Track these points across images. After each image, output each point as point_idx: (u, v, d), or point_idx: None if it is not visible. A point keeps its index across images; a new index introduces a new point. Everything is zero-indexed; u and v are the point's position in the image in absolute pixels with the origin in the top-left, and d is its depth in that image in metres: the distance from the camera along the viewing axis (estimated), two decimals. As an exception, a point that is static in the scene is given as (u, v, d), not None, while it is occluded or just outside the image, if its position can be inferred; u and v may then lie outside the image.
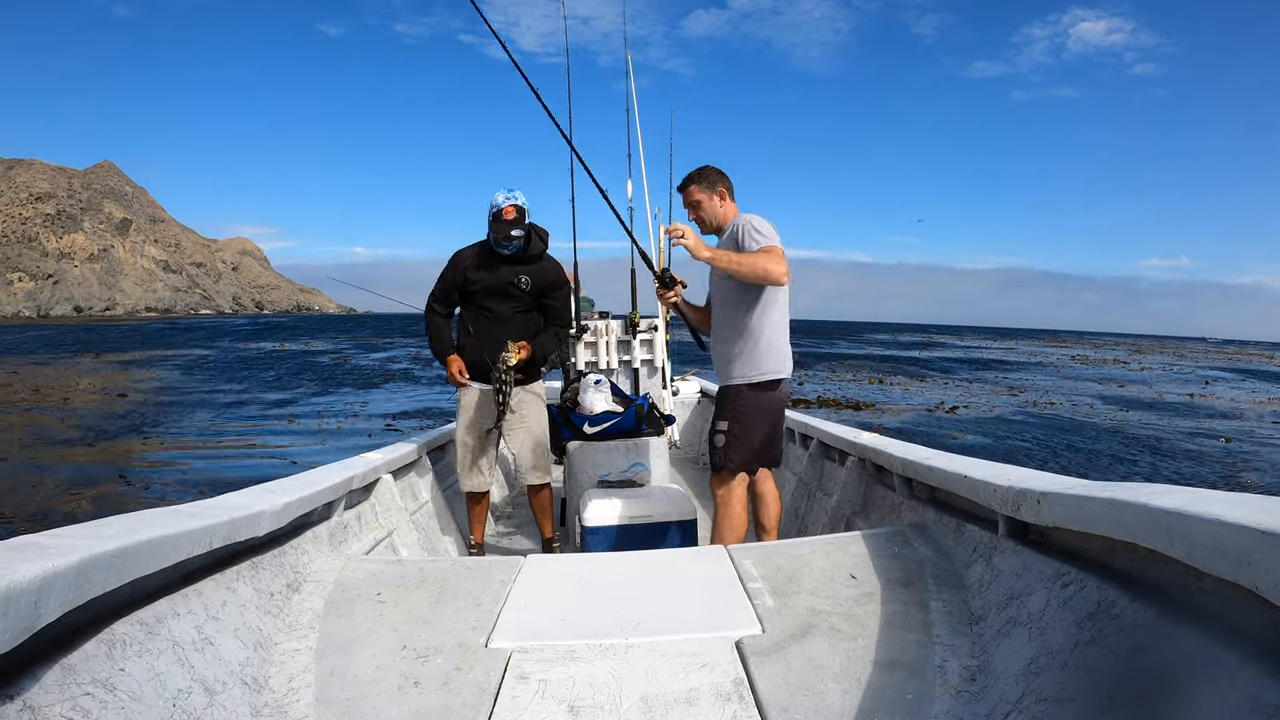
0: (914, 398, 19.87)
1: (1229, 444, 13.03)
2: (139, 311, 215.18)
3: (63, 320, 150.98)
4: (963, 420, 15.41)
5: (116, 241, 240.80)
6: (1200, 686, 0.96)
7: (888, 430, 11.46)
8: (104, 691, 1.06)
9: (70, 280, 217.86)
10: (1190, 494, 1.11)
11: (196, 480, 8.74)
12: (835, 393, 19.58)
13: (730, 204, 2.71)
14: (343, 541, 2.22)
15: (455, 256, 3.12)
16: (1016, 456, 11.31)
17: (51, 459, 10.13)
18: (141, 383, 21.61)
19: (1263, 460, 11.49)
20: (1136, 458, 11.44)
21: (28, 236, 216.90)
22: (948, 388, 22.67)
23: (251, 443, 11.65)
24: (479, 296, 3.06)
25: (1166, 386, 24.73)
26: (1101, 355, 46.82)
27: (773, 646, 1.52)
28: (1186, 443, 13.03)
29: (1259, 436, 14.10)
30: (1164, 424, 15.59)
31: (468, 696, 1.37)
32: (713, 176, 2.69)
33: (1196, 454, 11.95)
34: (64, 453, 10.64)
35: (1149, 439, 13.42)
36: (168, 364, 28.05)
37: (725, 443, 2.62)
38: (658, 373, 5.24)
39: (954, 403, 18.25)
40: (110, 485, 8.65)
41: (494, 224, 2.94)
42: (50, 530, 1.18)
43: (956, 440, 12.30)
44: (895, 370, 28.54)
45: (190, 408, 16.06)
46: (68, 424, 13.26)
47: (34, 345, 40.84)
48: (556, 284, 3.13)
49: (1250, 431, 14.79)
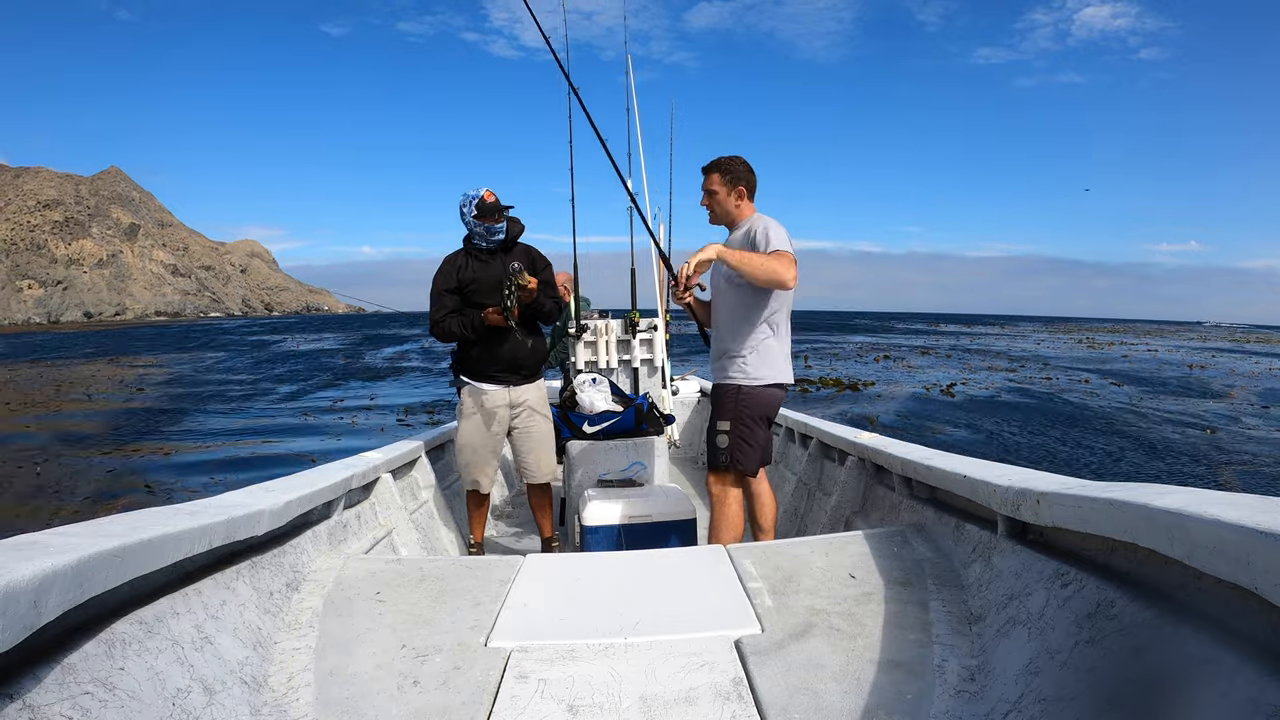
0: (917, 375, 20.57)
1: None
2: (149, 315, 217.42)
3: (73, 326, 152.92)
4: (957, 402, 16.09)
5: (125, 247, 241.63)
6: (1200, 687, 0.96)
7: (884, 426, 11.97)
8: (104, 690, 1.06)
9: (79, 286, 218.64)
10: (1190, 494, 1.11)
11: (217, 473, 9.05)
12: (841, 372, 20.56)
13: (747, 203, 2.71)
14: (342, 541, 2.22)
15: (445, 262, 3.09)
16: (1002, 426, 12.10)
17: (82, 453, 10.55)
18: (157, 379, 22.32)
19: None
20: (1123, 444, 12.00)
21: (36, 244, 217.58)
22: (948, 368, 23.45)
23: (267, 438, 11.96)
24: (478, 295, 3.01)
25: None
26: (1108, 339, 47.55)
27: (772, 646, 1.52)
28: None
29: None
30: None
31: (467, 696, 1.37)
32: (738, 171, 2.68)
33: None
34: (93, 446, 11.12)
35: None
36: (181, 364, 28.57)
37: (730, 444, 2.63)
38: (658, 372, 5.24)
39: (950, 380, 19.14)
40: (134, 479, 9.02)
41: (479, 215, 2.95)
42: (50, 529, 1.18)
43: (946, 432, 12.73)
44: (902, 352, 29.56)
45: (205, 401, 16.63)
46: (93, 418, 13.98)
47: (48, 349, 41.21)
48: (541, 261, 3.15)
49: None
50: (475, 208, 2.95)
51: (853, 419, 12.47)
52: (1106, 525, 1.25)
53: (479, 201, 2.94)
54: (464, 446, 3.12)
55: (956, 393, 16.87)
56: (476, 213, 2.95)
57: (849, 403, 15.34)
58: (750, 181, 2.70)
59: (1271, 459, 10.14)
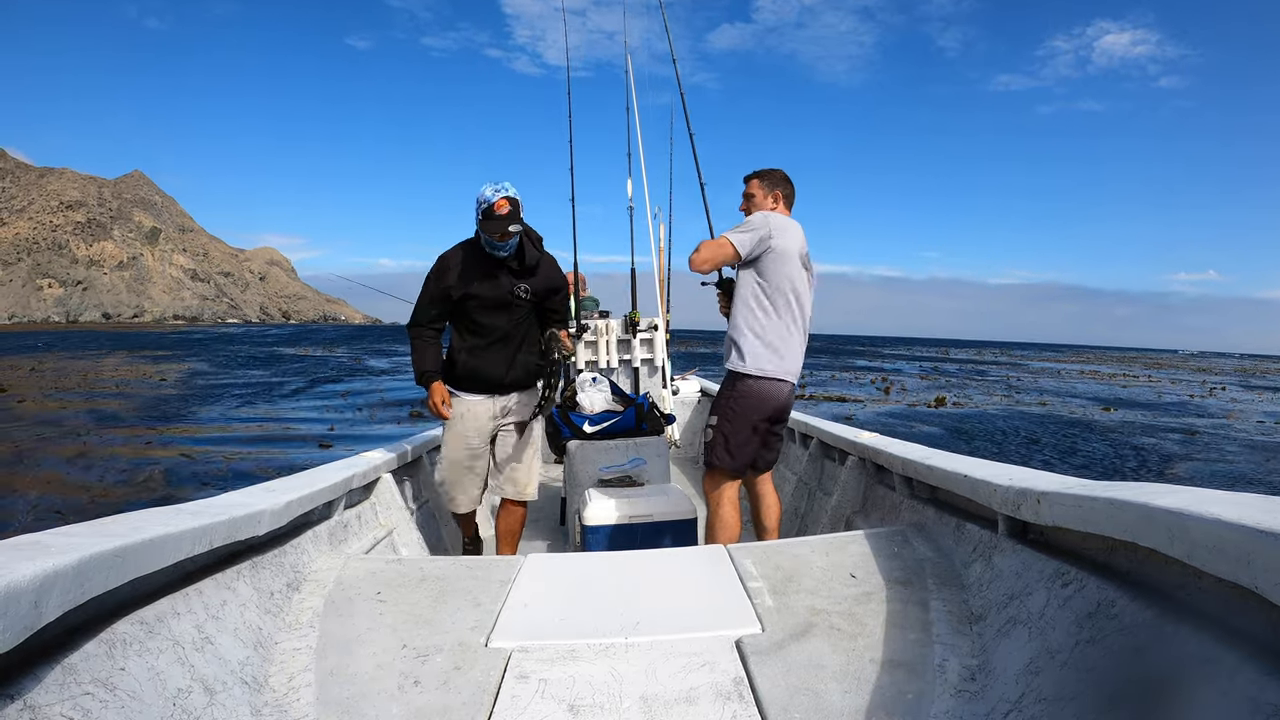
0: (910, 395, 20.80)
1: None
2: (167, 319, 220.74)
3: (92, 326, 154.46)
4: (945, 413, 16.67)
5: (145, 250, 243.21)
6: (1200, 686, 0.96)
7: (871, 425, 12.56)
8: (104, 691, 1.06)
9: (99, 287, 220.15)
10: (1190, 494, 1.11)
11: (234, 467, 9.39)
12: (834, 391, 20.93)
13: (783, 207, 2.73)
14: (343, 541, 2.22)
15: (440, 261, 2.70)
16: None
17: (109, 438, 11.18)
18: (177, 371, 23.77)
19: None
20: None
21: (58, 244, 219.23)
22: (945, 389, 23.72)
23: (285, 430, 12.57)
24: (474, 310, 2.69)
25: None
26: (1112, 370, 47.35)
27: (772, 646, 1.52)
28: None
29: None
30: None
31: (468, 696, 1.37)
32: (776, 179, 2.73)
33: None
34: (123, 431, 11.86)
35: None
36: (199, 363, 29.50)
37: (712, 439, 2.63)
38: (658, 372, 5.25)
39: (944, 394, 19.91)
40: (174, 446, 9.84)
41: (485, 222, 2.57)
42: (51, 529, 1.19)
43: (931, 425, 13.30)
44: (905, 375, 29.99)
45: (218, 398, 17.54)
46: (124, 405, 15.18)
47: (72, 344, 41.82)
48: (558, 287, 2.84)
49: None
50: (482, 213, 2.58)
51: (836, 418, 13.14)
52: (1107, 525, 1.25)
53: (489, 208, 2.56)
54: (448, 463, 2.80)
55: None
56: (483, 218, 2.59)
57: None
58: (787, 190, 2.73)
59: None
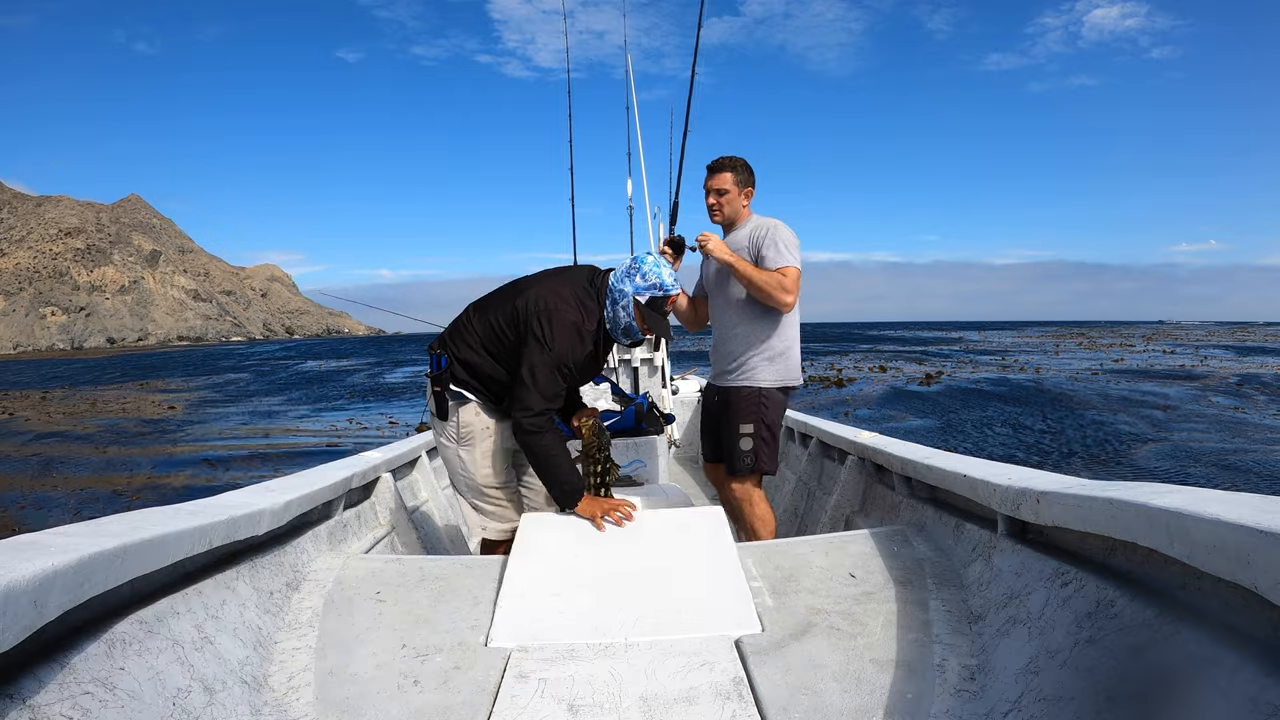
0: (904, 375, 22.06)
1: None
2: (171, 340, 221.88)
3: (97, 352, 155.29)
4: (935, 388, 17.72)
5: (146, 273, 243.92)
6: (1200, 686, 0.96)
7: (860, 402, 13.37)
8: (104, 690, 1.06)
9: (102, 312, 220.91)
10: (1190, 494, 1.11)
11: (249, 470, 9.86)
12: (829, 375, 21.94)
13: (748, 203, 2.73)
14: (342, 540, 2.22)
15: (575, 331, 2.03)
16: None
17: (129, 455, 11.78)
18: (184, 398, 24.09)
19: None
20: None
21: (59, 271, 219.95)
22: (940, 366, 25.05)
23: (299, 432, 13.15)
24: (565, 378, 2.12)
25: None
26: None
27: (772, 645, 1.52)
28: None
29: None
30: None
31: (467, 695, 1.37)
32: (748, 174, 2.71)
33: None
34: (139, 449, 12.42)
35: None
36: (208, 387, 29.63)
37: (754, 447, 2.64)
38: (658, 371, 5.24)
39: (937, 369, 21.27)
40: (192, 445, 10.40)
41: (649, 311, 2.06)
42: (51, 529, 1.18)
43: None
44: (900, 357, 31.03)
45: (234, 412, 18.32)
46: (137, 427, 15.68)
47: (79, 376, 41.56)
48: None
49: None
50: (651, 300, 2.06)
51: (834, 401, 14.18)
52: (1106, 525, 1.25)
53: (662, 298, 2.06)
54: (482, 483, 2.24)
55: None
56: (648, 305, 2.06)
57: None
58: (754, 182, 2.72)
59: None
